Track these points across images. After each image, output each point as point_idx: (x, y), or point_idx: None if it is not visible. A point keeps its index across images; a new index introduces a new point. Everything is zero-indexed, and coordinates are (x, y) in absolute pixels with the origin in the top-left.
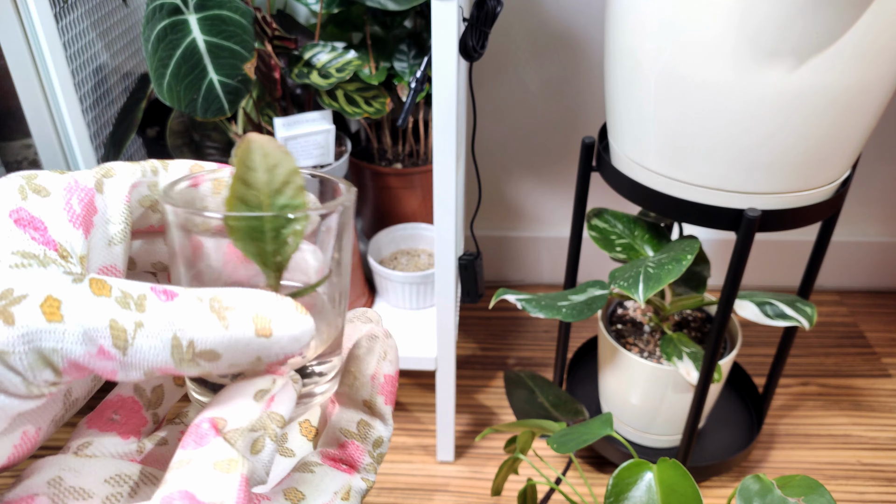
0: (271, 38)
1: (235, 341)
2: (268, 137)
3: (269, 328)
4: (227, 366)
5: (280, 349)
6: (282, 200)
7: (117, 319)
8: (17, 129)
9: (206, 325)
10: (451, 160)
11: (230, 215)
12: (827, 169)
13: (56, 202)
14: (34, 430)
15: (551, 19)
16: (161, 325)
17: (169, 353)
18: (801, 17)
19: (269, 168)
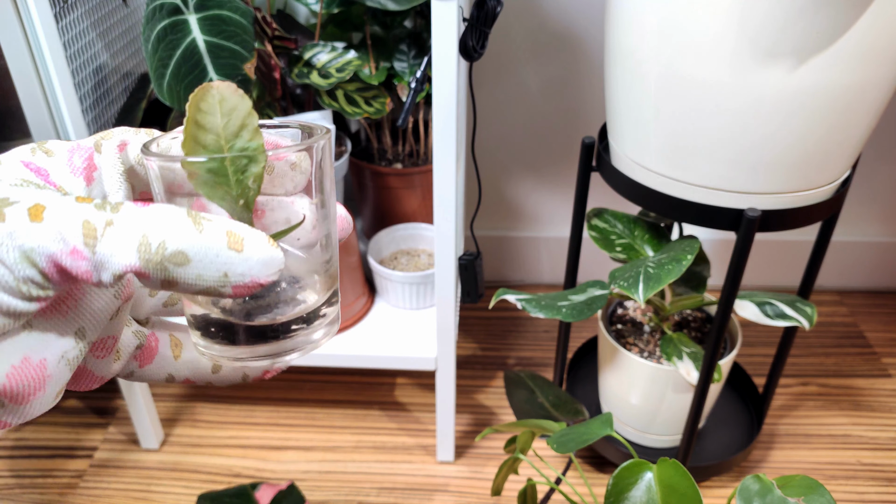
0: (271, 38)
1: (206, 247)
2: (227, 83)
3: (241, 244)
4: (195, 276)
5: (248, 268)
6: (240, 143)
7: (90, 219)
8: (17, 129)
9: (179, 226)
10: (451, 160)
11: (187, 160)
12: (827, 169)
13: (60, 158)
14: (38, 359)
15: (551, 19)
16: (131, 224)
17: (136, 251)
18: (801, 17)
19: (226, 112)
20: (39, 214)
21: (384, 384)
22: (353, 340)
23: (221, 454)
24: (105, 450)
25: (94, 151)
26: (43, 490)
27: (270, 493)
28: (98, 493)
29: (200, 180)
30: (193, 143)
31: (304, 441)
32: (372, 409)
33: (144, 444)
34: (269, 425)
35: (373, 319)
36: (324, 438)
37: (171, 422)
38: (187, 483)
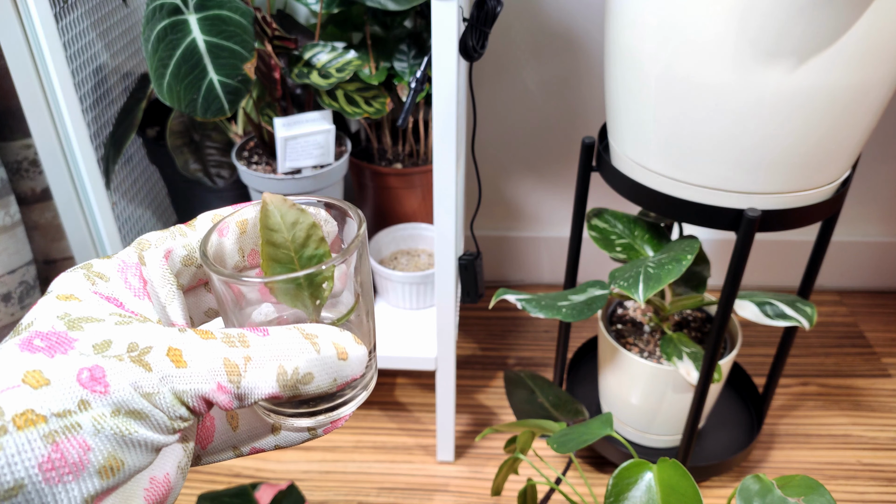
0: (271, 38)
1: (324, 363)
2: (280, 198)
3: (345, 352)
4: (315, 387)
5: (350, 371)
6: (308, 252)
7: (229, 357)
8: (17, 129)
9: (303, 350)
10: (451, 160)
11: (269, 281)
12: (827, 169)
13: (118, 283)
14: (162, 475)
15: (551, 19)
16: (267, 357)
17: (275, 380)
18: (801, 18)
19: (290, 226)
20: (180, 359)
21: (384, 384)
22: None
23: None
24: None
25: (141, 266)
26: None
27: (270, 493)
28: None
29: (280, 293)
30: (269, 260)
31: None
32: (372, 409)
33: None
34: None
35: None
36: (324, 438)
37: None
38: (187, 483)
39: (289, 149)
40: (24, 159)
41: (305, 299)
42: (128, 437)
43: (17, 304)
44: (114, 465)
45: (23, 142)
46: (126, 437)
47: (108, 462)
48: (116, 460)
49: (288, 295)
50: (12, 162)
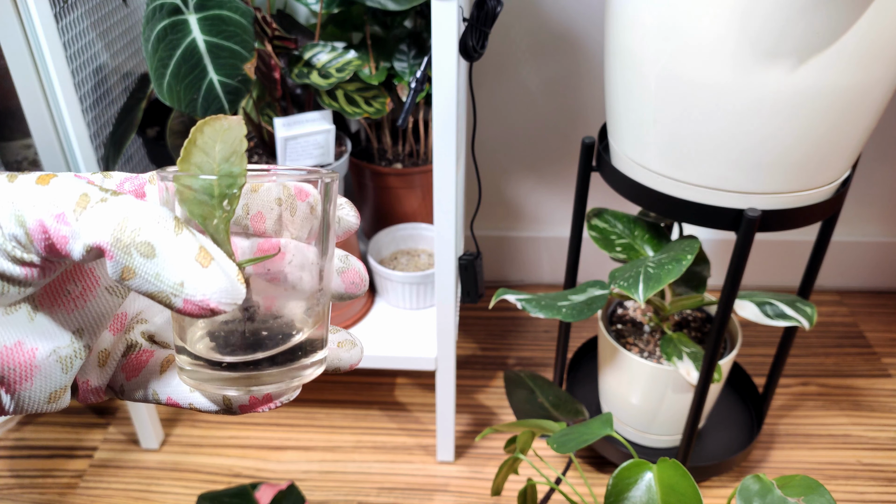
0: (271, 38)
1: (174, 248)
2: (238, 119)
3: (208, 261)
4: (154, 273)
5: (206, 288)
6: (227, 167)
7: (88, 193)
8: (17, 129)
9: (159, 222)
10: (451, 160)
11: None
12: (827, 169)
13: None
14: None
15: (551, 19)
16: (119, 206)
17: (112, 228)
18: (801, 18)
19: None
20: (47, 180)
21: (384, 384)
22: None
23: (221, 454)
24: (105, 450)
25: (146, 182)
26: (43, 490)
27: (270, 493)
28: (98, 493)
29: (186, 199)
30: (192, 166)
31: (304, 441)
32: (372, 409)
33: (144, 444)
34: (269, 425)
35: (373, 319)
36: (324, 438)
37: (171, 422)
38: (187, 483)
39: (289, 149)
40: (24, 159)
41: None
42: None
43: None
44: None
45: (23, 142)
46: None
47: None
48: None
49: (194, 206)
50: (12, 162)
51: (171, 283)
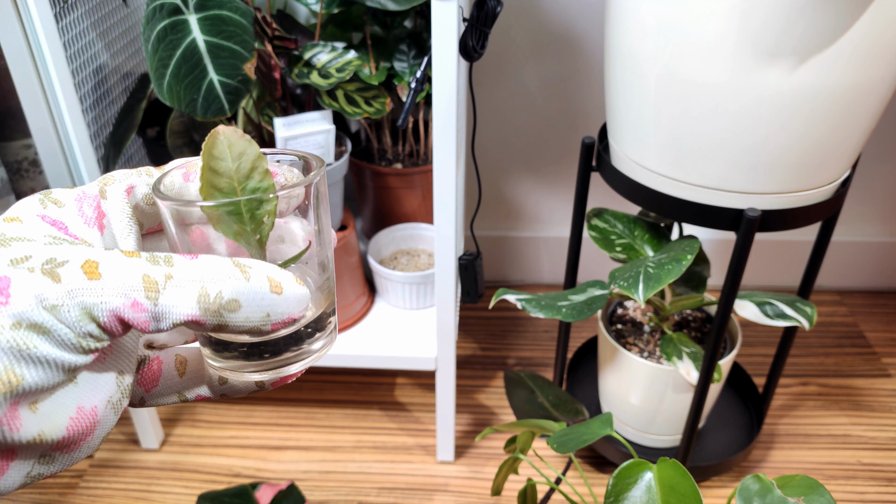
0: (271, 38)
1: (254, 292)
2: (232, 128)
3: (280, 287)
4: (243, 319)
5: (286, 307)
6: (252, 184)
7: (149, 274)
8: (17, 129)
9: (231, 275)
10: (451, 160)
11: (206, 204)
12: (827, 169)
13: (71, 210)
14: (90, 406)
15: (551, 19)
16: (190, 278)
17: (195, 301)
18: (801, 18)
19: (236, 156)
20: (95, 271)
21: (384, 384)
22: (353, 340)
23: (221, 454)
24: (105, 449)
25: (100, 199)
26: (43, 490)
27: (270, 493)
28: (98, 492)
29: (219, 221)
30: (210, 187)
31: (304, 441)
32: (372, 409)
33: (145, 444)
34: (269, 425)
35: (373, 319)
36: (324, 438)
37: (171, 422)
38: (187, 483)
39: (289, 149)
40: (24, 159)
41: (247, 234)
42: (26, 351)
43: None
44: (11, 379)
45: (23, 142)
46: (24, 352)
47: (6, 375)
48: (14, 375)
49: (227, 225)
50: (12, 162)
51: (259, 318)
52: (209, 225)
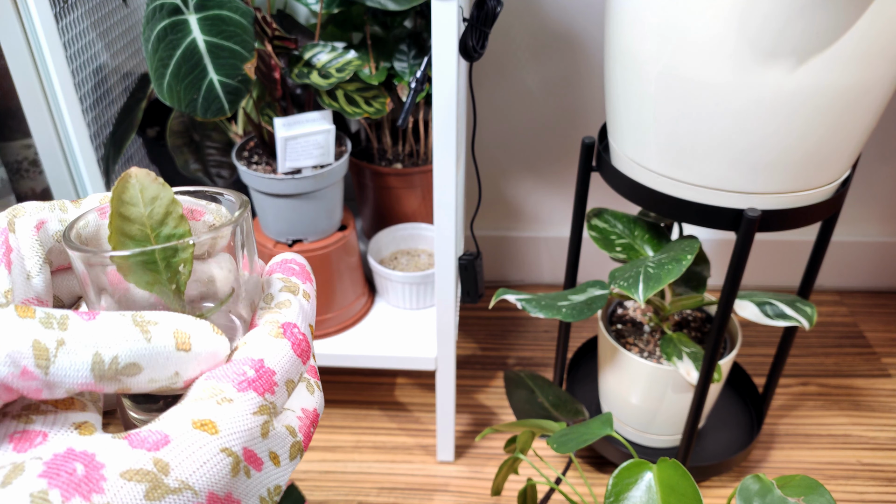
0: (271, 38)
1: (157, 354)
2: (145, 171)
3: (188, 343)
4: (147, 380)
5: (198, 364)
6: (166, 231)
7: (40, 339)
8: (17, 129)
9: (129, 338)
10: (451, 160)
11: (117, 254)
12: (827, 169)
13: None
14: None
15: (551, 19)
16: (83, 342)
17: (89, 370)
18: (801, 18)
19: (148, 201)
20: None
21: (384, 384)
22: (353, 340)
23: None
24: None
25: (8, 232)
26: None
27: None
28: None
29: (131, 271)
30: (120, 235)
31: None
32: (372, 409)
33: None
34: None
35: (373, 319)
36: (324, 438)
37: None
38: None
39: (289, 149)
40: (24, 159)
41: (163, 283)
42: None
43: None
44: None
45: (23, 142)
46: None
47: None
48: None
49: (140, 276)
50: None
51: (167, 377)
52: None
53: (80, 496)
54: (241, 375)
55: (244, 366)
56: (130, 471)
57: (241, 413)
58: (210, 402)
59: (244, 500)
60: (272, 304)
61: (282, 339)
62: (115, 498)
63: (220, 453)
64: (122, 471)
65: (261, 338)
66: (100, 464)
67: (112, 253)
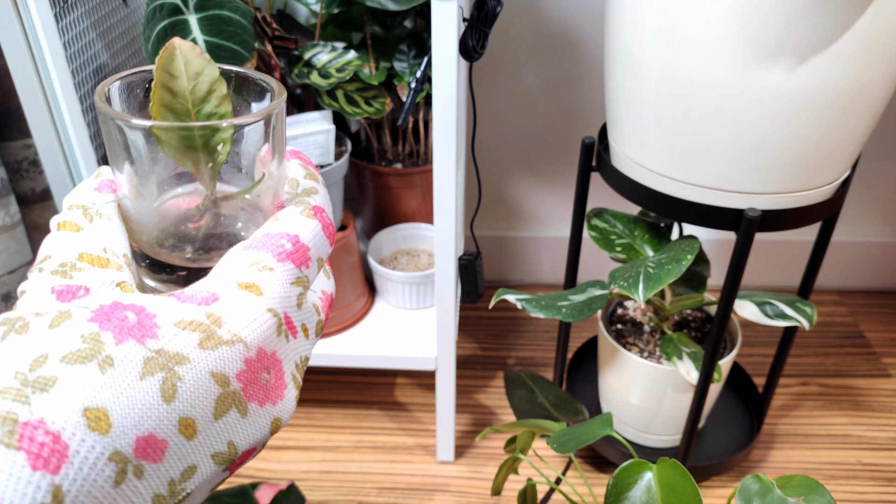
0: (271, 38)
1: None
2: (190, 44)
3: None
4: None
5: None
6: (208, 108)
7: None
8: (17, 129)
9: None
10: (451, 160)
11: (158, 125)
12: (827, 169)
13: None
14: None
15: (551, 19)
16: None
17: None
18: (801, 18)
19: (193, 76)
20: None
21: (384, 384)
22: (353, 340)
23: None
24: None
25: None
26: None
27: (270, 493)
28: None
29: (169, 145)
30: (162, 106)
31: (304, 441)
32: (372, 409)
33: None
34: None
35: (373, 319)
36: (324, 438)
37: None
38: None
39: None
40: (24, 159)
41: (199, 161)
42: None
43: None
44: None
45: (23, 142)
46: None
47: None
48: None
49: (178, 150)
50: (12, 162)
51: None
52: None
53: (133, 339)
54: (279, 247)
55: (282, 238)
56: (184, 321)
57: (281, 280)
58: (252, 269)
59: (285, 363)
60: (298, 189)
61: (313, 220)
62: (168, 343)
63: (267, 312)
64: (175, 320)
65: (295, 216)
66: (151, 314)
67: (153, 123)
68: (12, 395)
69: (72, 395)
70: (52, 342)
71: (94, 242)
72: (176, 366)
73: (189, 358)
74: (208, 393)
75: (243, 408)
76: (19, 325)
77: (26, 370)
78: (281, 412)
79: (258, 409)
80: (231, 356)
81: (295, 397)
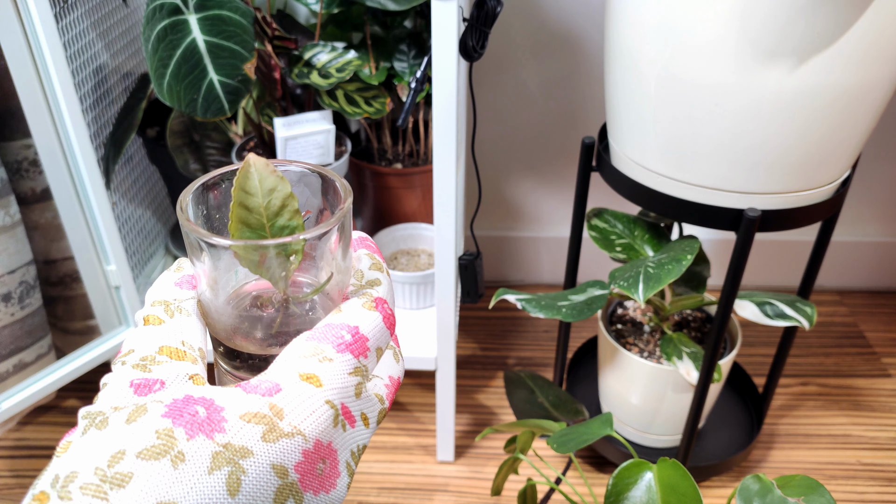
0: (271, 38)
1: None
2: (264, 162)
3: None
4: None
5: None
6: (280, 222)
7: None
8: (17, 129)
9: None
10: (451, 160)
11: (237, 244)
12: (827, 169)
13: None
14: None
15: (551, 19)
16: None
17: None
18: (801, 18)
19: (266, 192)
20: None
21: None
22: None
23: None
24: None
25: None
26: None
27: None
28: None
29: (247, 260)
30: (239, 223)
31: None
32: None
33: None
34: None
35: None
36: None
37: None
38: None
39: (289, 149)
40: (24, 159)
41: (273, 269)
42: None
43: (16, 304)
44: None
45: (23, 142)
46: None
47: None
48: None
49: (254, 264)
50: (12, 162)
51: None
52: None
53: (203, 434)
54: (339, 339)
55: (342, 330)
56: (248, 413)
57: (340, 371)
58: (313, 360)
59: (340, 452)
60: (363, 281)
61: (374, 312)
62: (234, 437)
63: (325, 405)
64: (241, 413)
65: (356, 308)
66: (220, 407)
67: (233, 243)
68: (92, 492)
69: (146, 491)
70: (128, 438)
71: (173, 336)
72: (241, 459)
73: (253, 451)
74: (269, 485)
75: (299, 498)
76: (99, 419)
77: (105, 466)
78: (333, 500)
79: (312, 498)
80: (291, 448)
81: (347, 485)
